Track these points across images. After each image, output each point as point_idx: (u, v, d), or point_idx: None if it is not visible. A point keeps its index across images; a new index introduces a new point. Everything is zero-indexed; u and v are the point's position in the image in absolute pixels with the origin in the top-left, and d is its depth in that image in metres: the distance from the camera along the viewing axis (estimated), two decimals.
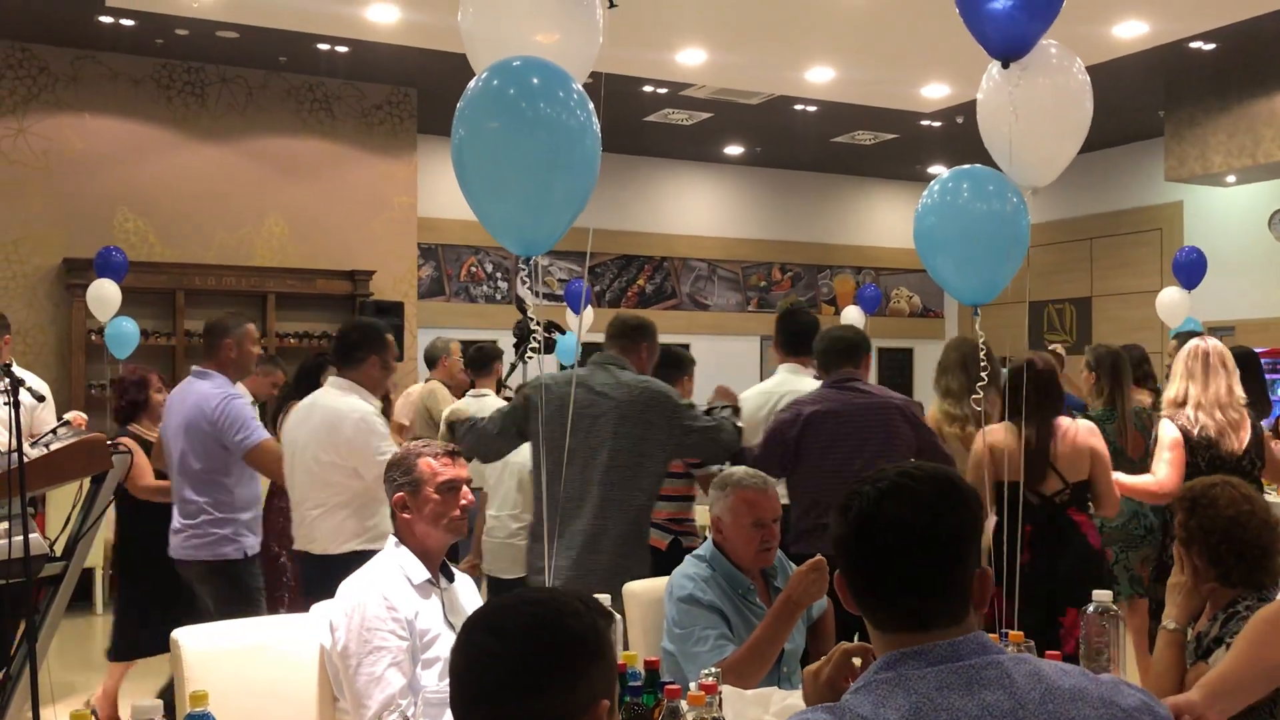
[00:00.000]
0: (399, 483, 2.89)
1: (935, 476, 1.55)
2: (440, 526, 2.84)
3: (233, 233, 10.19)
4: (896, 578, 1.50)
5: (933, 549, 1.50)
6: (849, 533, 1.54)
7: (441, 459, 2.89)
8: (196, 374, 4.61)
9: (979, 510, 1.56)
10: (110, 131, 9.78)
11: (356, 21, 8.64)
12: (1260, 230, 11.50)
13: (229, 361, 4.62)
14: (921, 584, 1.49)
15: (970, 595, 1.52)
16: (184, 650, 2.65)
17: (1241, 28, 8.63)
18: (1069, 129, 3.65)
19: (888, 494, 1.52)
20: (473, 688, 1.43)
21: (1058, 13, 3.34)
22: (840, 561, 1.57)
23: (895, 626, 1.50)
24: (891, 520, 1.50)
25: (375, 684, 2.60)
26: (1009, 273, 3.57)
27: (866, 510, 1.52)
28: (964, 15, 3.40)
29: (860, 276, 14.81)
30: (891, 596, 1.51)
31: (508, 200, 2.96)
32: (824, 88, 10.34)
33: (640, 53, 9.16)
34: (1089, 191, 12.90)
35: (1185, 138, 10.58)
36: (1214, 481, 2.82)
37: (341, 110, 10.66)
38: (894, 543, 1.50)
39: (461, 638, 1.48)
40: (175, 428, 4.54)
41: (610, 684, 1.51)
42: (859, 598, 1.55)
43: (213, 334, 4.68)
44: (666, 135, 12.30)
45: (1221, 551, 2.66)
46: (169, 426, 4.61)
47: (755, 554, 3.10)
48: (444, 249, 12.36)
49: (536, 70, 2.91)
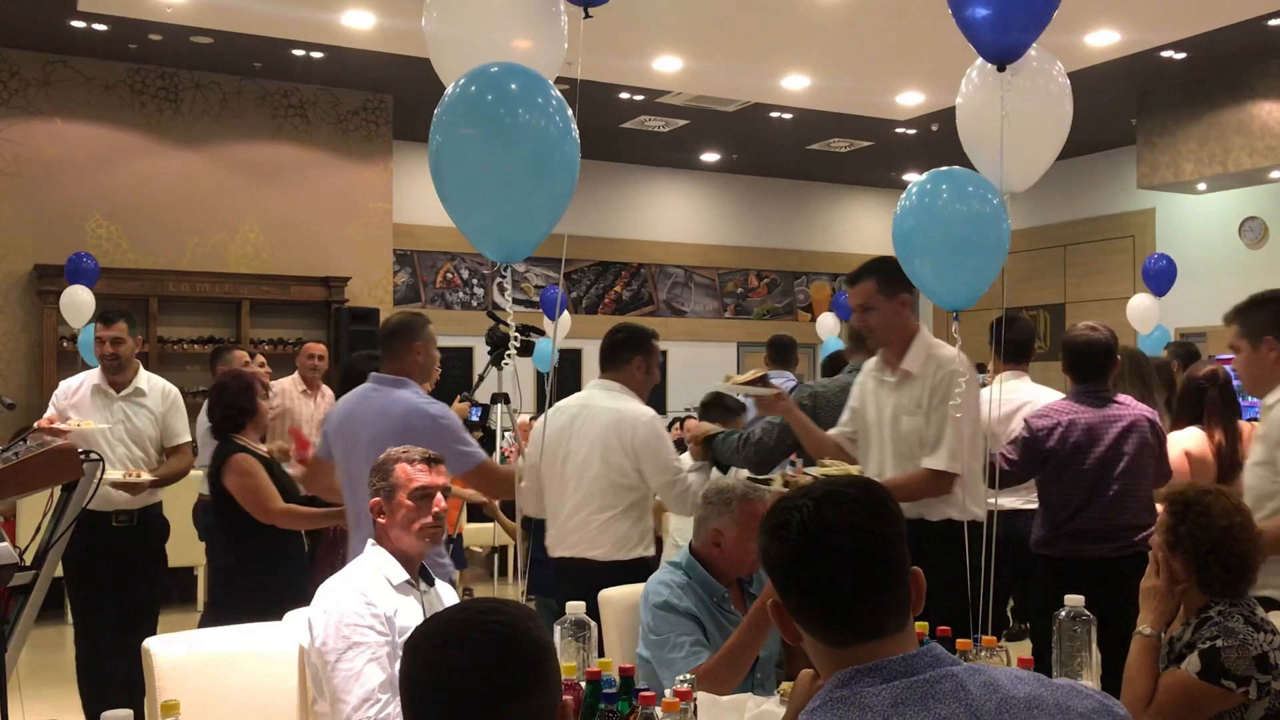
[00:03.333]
0: (376, 486, 2.89)
1: (855, 482, 1.57)
2: (412, 533, 2.84)
3: (207, 239, 10.13)
4: (850, 584, 1.48)
5: (880, 547, 1.50)
6: (792, 550, 1.50)
7: (418, 465, 2.88)
8: (387, 381, 3.98)
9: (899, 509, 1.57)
10: (83, 137, 9.71)
11: (332, 27, 8.61)
12: (1231, 237, 11.62)
13: (416, 366, 4.06)
14: (872, 587, 1.48)
15: (909, 595, 1.52)
16: (155, 659, 2.63)
17: (1212, 37, 8.72)
18: (1050, 132, 3.67)
19: (824, 503, 1.51)
20: (442, 704, 1.41)
21: (1052, 16, 3.36)
22: (784, 584, 1.53)
23: (849, 639, 1.48)
24: (836, 524, 1.49)
25: (353, 679, 2.59)
26: (989, 276, 3.58)
27: (809, 522, 1.50)
28: (957, 19, 3.40)
29: (836, 283, 14.86)
30: (844, 606, 1.48)
31: (485, 207, 2.95)
32: (799, 95, 10.38)
33: (617, 60, 9.17)
34: (1062, 199, 12.99)
35: (1157, 146, 10.69)
36: (1207, 489, 2.83)
37: (317, 116, 10.62)
38: (844, 546, 1.49)
39: (420, 655, 1.45)
40: (367, 441, 3.77)
41: (561, 685, 1.52)
42: (806, 616, 1.52)
43: (398, 336, 4.08)
44: (643, 142, 12.32)
45: (1209, 561, 2.67)
46: (353, 440, 3.91)
47: (748, 566, 3.10)
48: (420, 255, 12.33)
49: (514, 76, 2.90)
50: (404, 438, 3.50)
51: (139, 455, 5.04)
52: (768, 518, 1.56)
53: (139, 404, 5.09)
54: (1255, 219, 11.43)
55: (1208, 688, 2.54)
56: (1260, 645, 2.54)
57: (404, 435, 3.57)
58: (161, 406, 5.13)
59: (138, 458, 5.03)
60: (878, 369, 3.83)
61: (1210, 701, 2.55)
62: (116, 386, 5.07)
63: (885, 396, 3.76)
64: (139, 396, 5.10)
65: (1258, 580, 2.74)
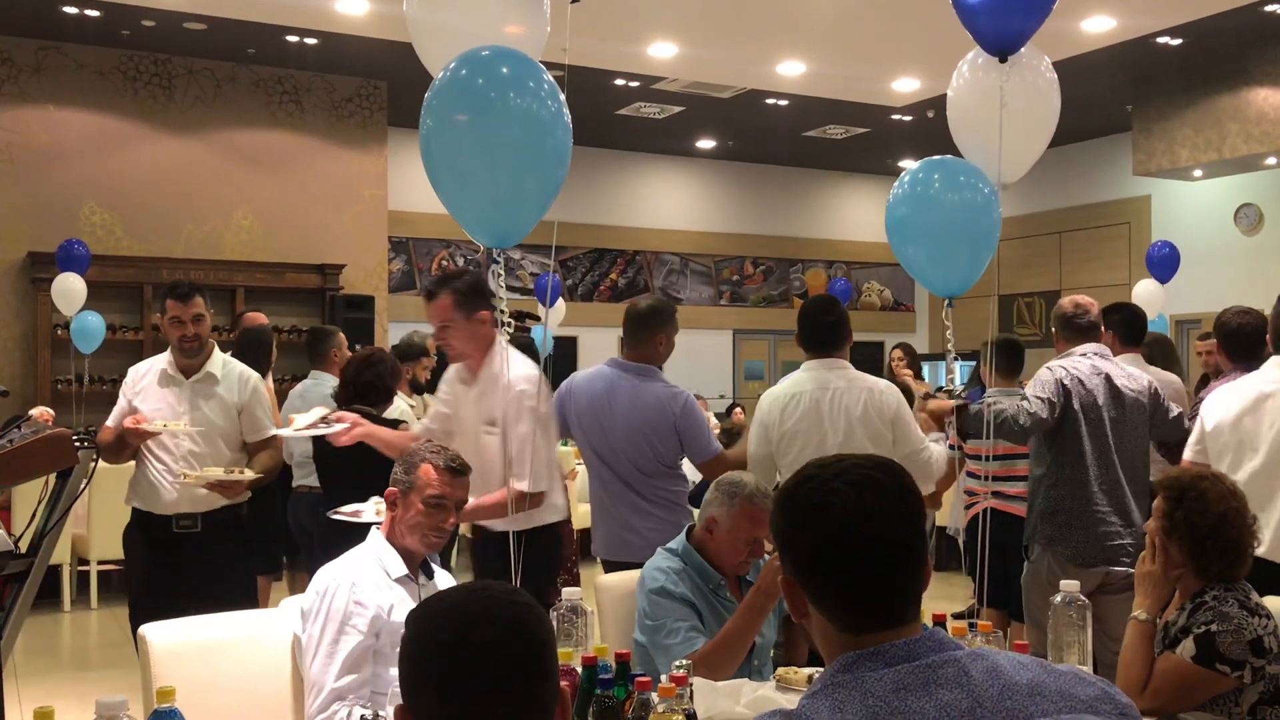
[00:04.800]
0: (398, 477, 2.85)
1: (882, 465, 1.53)
2: (416, 536, 2.80)
3: (201, 226, 10.10)
4: (883, 573, 1.46)
5: (912, 537, 1.49)
6: (830, 535, 1.47)
7: (444, 473, 2.81)
8: (632, 369, 4.08)
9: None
10: (76, 124, 9.68)
11: (326, 13, 8.58)
12: (1226, 224, 11.62)
13: (659, 354, 4.11)
14: (902, 575, 1.47)
15: (925, 583, 1.51)
16: (151, 646, 2.63)
17: (1207, 23, 8.71)
18: (1038, 126, 3.66)
19: (863, 489, 1.47)
20: (483, 679, 1.42)
21: (1052, 7, 3.34)
22: (810, 567, 1.49)
23: (867, 626, 1.46)
24: (875, 513, 1.46)
25: (326, 674, 2.59)
26: (981, 264, 3.58)
27: (849, 508, 1.46)
28: (957, 7, 3.39)
29: (832, 270, 14.87)
30: (872, 594, 1.46)
31: (477, 192, 2.94)
32: (795, 82, 10.36)
33: (612, 46, 9.15)
34: (1058, 186, 13.00)
35: (1153, 132, 10.68)
36: (1202, 474, 2.84)
37: (311, 103, 10.59)
38: (883, 536, 1.46)
39: (460, 633, 1.45)
40: (624, 432, 4.00)
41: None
42: (828, 601, 1.49)
43: (647, 324, 4.08)
44: (638, 129, 12.29)
45: (1206, 547, 2.68)
46: (604, 428, 4.05)
47: (737, 564, 3.08)
48: (415, 243, 12.30)
49: (505, 60, 2.89)
50: (657, 428, 3.99)
51: (204, 450, 4.22)
52: (797, 499, 1.51)
53: (211, 390, 4.30)
54: (1250, 205, 11.44)
55: (1202, 672, 2.55)
56: (1255, 629, 2.55)
57: (657, 425, 3.98)
58: (239, 396, 4.33)
59: (202, 453, 4.22)
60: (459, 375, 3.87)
61: (1205, 685, 2.56)
62: (186, 371, 4.29)
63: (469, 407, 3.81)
64: (210, 383, 4.30)
65: None
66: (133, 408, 4.23)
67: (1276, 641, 2.57)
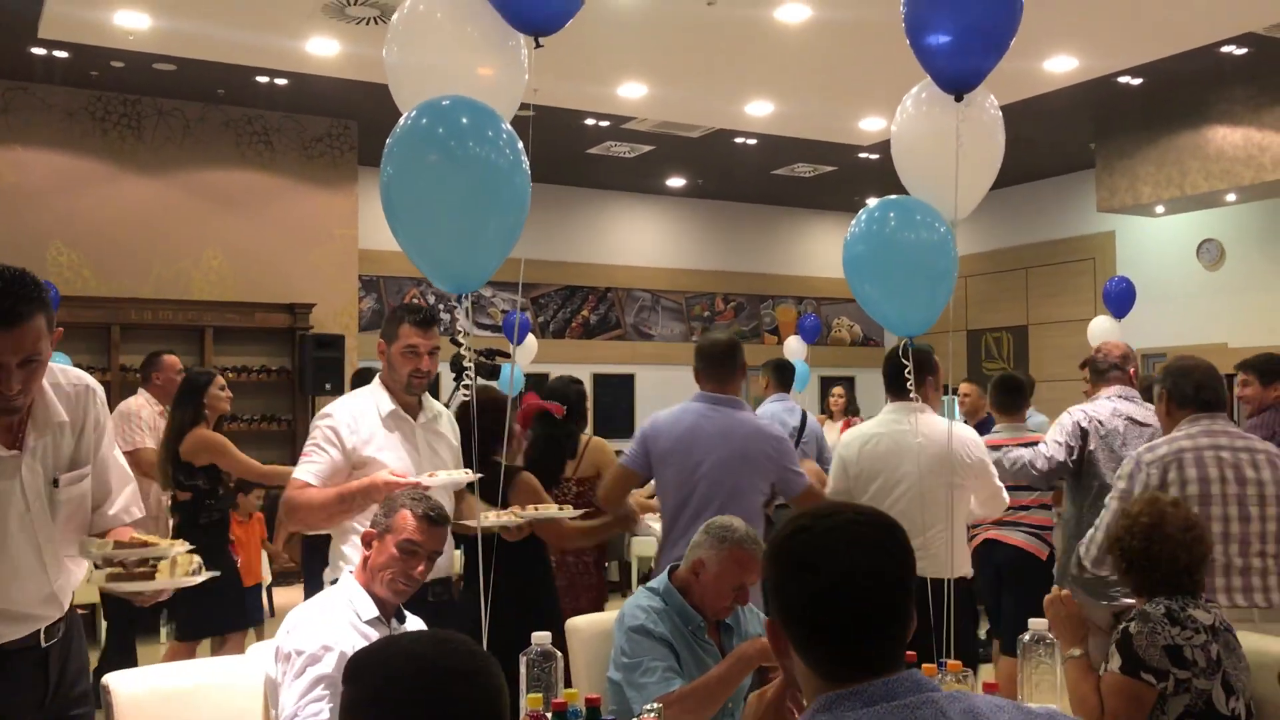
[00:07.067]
0: (376, 518, 2.85)
1: (874, 521, 1.54)
2: (384, 580, 2.78)
3: (170, 266, 10.05)
4: (871, 629, 1.47)
5: (901, 595, 1.50)
6: (820, 591, 1.48)
7: (421, 521, 2.79)
8: (722, 401, 4.10)
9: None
10: (44, 164, 9.62)
11: (296, 54, 8.59)
12: (1189, 259, 11.77)
13: (739, 388, 4.18)
14: (890, 630, 1.48)
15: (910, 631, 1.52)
16: (115, 695, 2.59)
17: (1167, 64, 8.87)
18: (984, 163, 3.70)
19: (855, 546, 1.49)
20: None
21: (1010, 43, 3.39)
22: (798, 620, 1.50)
23: (846, 677, 1.47)
24: (869, 571, 1.47)
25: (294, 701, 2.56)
26: (939, 303, 3.60)
27: (841, 567, 1.47)
28: (914, 46, 3.42)
29: (801, 306, 14.93)
30: (860, 649, 1.47)
31: (436, 239, 2.96)
32: (763, 121, 10.45)
33: (581, 86, 9.20)
34: (1024, 222, 13.14)
35: (1115, 169, 10.83)
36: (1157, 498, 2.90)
37: (281, 143, 10.58)
38: (873, 596, 1.47)
39: (431, 694, 1.42)
40: (714, 464, 3.96)
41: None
42: (814, 652, 1.50)
43: (730, 359, 4.15)
44: (609, 168, 12.35)
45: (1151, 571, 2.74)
46: (695, 462, 3.99)
47: (719, 609, 3.05)
48: (385, 281, 12.28)
49: (464, 109, 2.91)
50: (748, 460, 3.97)
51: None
52: (789, 551, 1.52)
53: (438, 432, 3.69)
54: (1212, 241, 11.60)
55: (1131, 682, 2.58)
56: (1172, 637, 2.58)
57: (748, 458, 3.96)
58: (455, 436, 3.77)
59: None
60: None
61: (1143, 694, 2.58)
62: (412, 411, 3.62)
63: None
64: (436, 423, 3.70)
65: None
66: (362, 459, 3.43)
67: (1205, 656, 2.59)
